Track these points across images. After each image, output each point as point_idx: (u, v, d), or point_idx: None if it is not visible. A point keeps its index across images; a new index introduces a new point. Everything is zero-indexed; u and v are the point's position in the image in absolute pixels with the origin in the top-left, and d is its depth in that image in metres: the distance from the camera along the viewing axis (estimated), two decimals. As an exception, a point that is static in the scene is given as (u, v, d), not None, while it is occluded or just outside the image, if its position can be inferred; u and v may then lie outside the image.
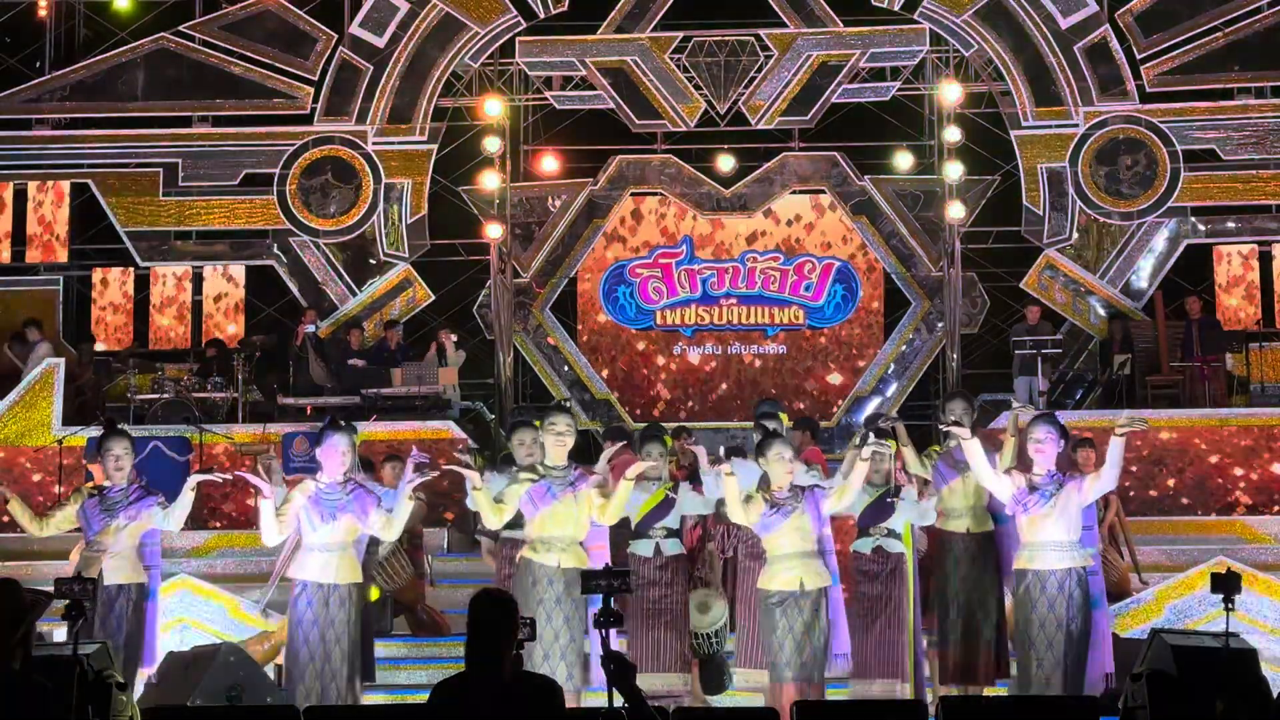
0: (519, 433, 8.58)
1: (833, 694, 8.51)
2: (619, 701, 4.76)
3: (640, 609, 8.85)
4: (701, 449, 9.01)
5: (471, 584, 10.43)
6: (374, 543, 9.39)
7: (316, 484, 8.01)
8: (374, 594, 9.98)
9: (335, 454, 8.00)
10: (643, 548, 8.92)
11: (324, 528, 7.93)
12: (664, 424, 11.73)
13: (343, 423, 8.33)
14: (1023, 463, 8.63)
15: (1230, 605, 6.83)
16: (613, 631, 5.19)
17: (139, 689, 8.43)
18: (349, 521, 7.98)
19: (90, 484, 8.91)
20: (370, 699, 9.18)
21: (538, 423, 8.47)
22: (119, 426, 9.85)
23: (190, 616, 10.86)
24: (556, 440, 8.13)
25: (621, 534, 9.03)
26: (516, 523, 8.58)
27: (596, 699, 7.36)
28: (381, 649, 10.31)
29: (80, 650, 6.11)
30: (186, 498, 8.45)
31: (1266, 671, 7.36)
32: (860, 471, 8.31)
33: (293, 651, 7.95)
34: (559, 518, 8.02)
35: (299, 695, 7.81)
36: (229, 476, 9.14)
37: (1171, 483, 14.74)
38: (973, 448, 8.36)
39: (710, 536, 9.94)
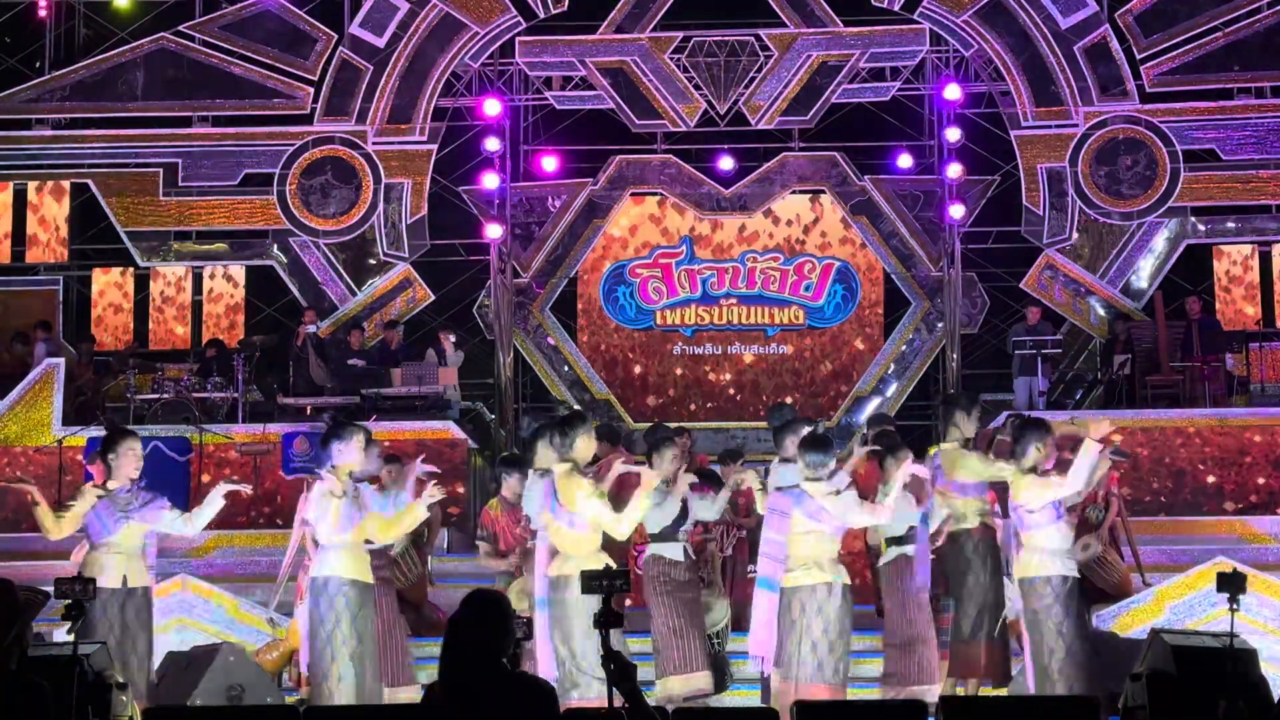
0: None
1: (863, 693, 8.51)
2: (619, 701, 4.76)
3: (673, 610, 8.84)
4: (751, 474, 8.96)
5: (471, 584, 10.42)
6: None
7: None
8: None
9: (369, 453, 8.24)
10: (672, 551, 8.91)
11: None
12: (661, 425, 11.72)
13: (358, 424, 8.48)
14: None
15: (1235, 605, 6.82)
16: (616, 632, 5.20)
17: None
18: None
19: (91, 484, 8.85)
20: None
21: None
22: (128, 428, 9.85)
23: (190, 617, 10.85)
24: (594, 448, 8.22)
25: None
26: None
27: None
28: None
29: (80, 650, 6.10)
30: (216, 504, 8.47)
31: (1266, 671, 7.36)
32: (894, 496, 8.31)
33: (333, 651, 7.98)
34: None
35: (323, 694, 7.85)
36: (248, 488, 9.03)
37: (1171, 483, 14.73)
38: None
39: (710, 536, 9.95)
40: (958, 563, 9.15)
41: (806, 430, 8.74)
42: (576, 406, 17.71)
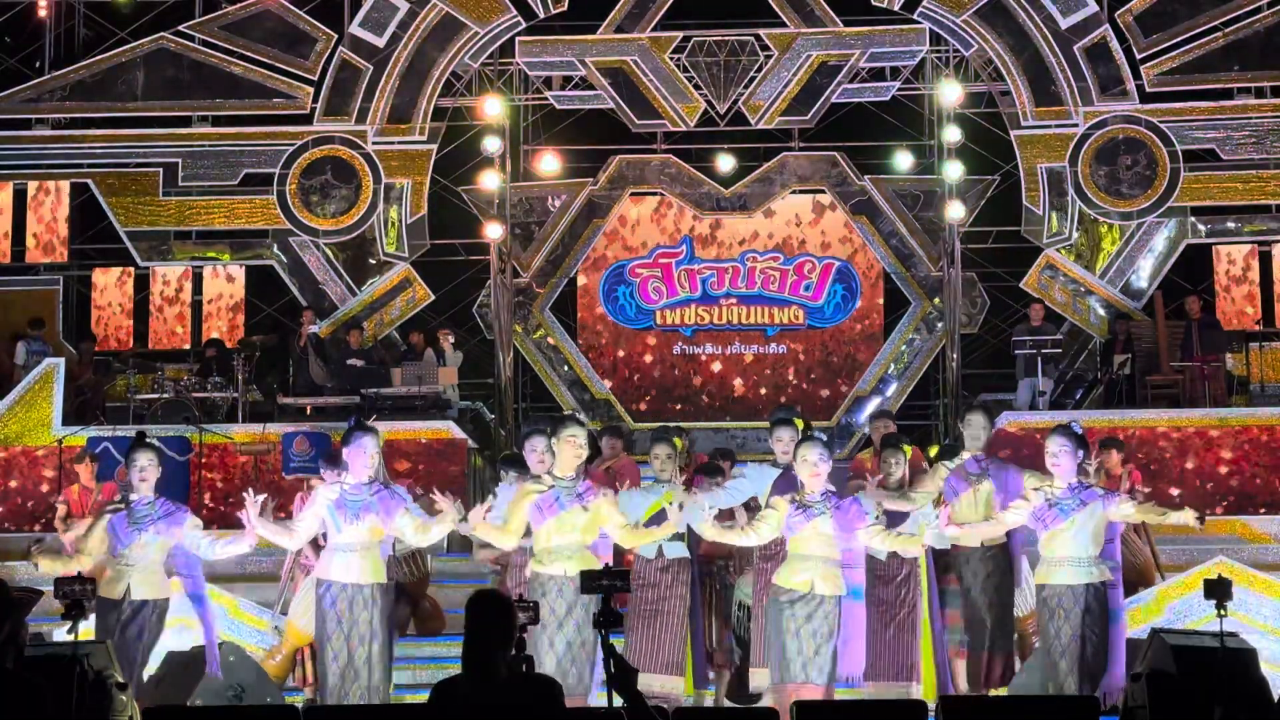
0: (533, 440, 8.59)
1: (842, 693, 8.49)
2: (619, 702, 4.76)
3: (640, 609, 8.88)
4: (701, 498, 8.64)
5: (471, 584, 10.44)
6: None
7: (342, 485, 8.07)
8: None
9: (363, 455, 8.07)
10: (645, 549, 8.93)
11: (348, 528, 8.03)
12: (656, 425, 11.75)
13: (368, 424, 8.36)
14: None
15: (1223, 611, 6.83)
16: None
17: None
18: (373, 522, 8.05)
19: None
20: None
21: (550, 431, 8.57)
22: (148, 439, 9.80)
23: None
24: (577, 453, 8.15)
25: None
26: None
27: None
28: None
29: (80, 650, 6.11)
30: (243, 546, 8.27)
31: (1266, 671, 7.36)
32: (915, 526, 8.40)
33: (319, 651, 8.07)
34: (565, 527, 8.04)
35: (329, 694, 7.90)
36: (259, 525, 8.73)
37: (1171, 483, 14.72)
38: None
39: (731, 524, 9.90)
40: (962, 573, 9.14)
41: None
42: (576, 407, 17.75)
